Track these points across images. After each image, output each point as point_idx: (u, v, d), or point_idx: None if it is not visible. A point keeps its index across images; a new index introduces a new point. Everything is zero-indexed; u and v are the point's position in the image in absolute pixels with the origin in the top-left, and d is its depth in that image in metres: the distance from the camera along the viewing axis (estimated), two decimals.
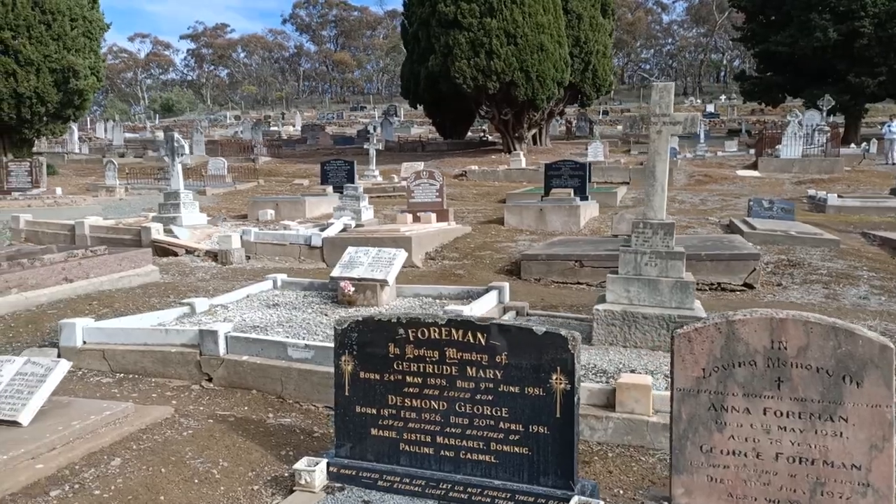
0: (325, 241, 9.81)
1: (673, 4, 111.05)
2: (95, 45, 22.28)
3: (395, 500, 3.00)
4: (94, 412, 3.71)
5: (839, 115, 32.23)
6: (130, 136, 43.53)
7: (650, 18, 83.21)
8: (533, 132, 29.41)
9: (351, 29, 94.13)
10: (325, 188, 16.78)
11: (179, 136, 11.80)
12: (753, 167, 22.03)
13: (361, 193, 12.47)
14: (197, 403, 4.26)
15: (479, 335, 2.95)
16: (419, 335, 3.05)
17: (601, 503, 2.75)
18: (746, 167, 22.31)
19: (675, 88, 5.33)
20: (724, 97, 59.58)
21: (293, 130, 46.88)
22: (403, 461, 3.12)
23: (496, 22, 23.38)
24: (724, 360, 2.47)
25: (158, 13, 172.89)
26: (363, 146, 21.77)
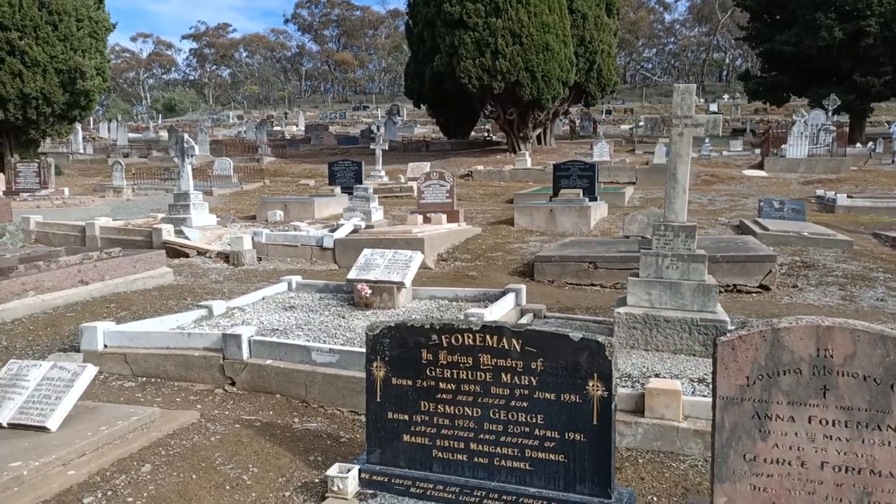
0: (336, 242, 9.79)
1: (675, 3, 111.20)
2: (101, 45, 22.23)
3: None
4: (121, 417, 3.70)
5: (843, 114, 32.16)
6: (134, 136, 43.58)
7: (652, 17, 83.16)
8: (537, 132, 29.38)
9: (353, 28, 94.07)
10: (333, 189, 16.73)
11: (188, 136, 11.81)
12: (759, 167, 21.99)
13: (371, 194, 12.44)
14: (222, 408, 4.25)
15: (514, 341, 2.93)
16: (453, 341, 3.03)
17: None
18: (752, 167, 22.27)
19: None
20: (727, 96, 59.43)
21: (296, 130, 46.89)
22: (436, 468, 3.10)
23: (501, 22, 23.35)
24: (768, 367, 2.44)
25: (161, 13, 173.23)
26: (368, 146, 21.78)
